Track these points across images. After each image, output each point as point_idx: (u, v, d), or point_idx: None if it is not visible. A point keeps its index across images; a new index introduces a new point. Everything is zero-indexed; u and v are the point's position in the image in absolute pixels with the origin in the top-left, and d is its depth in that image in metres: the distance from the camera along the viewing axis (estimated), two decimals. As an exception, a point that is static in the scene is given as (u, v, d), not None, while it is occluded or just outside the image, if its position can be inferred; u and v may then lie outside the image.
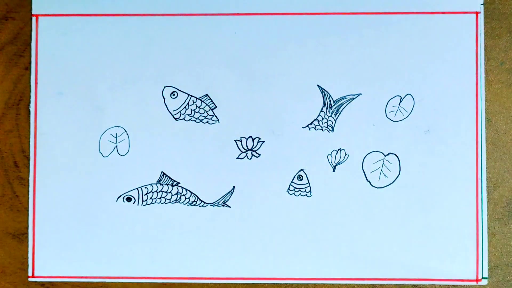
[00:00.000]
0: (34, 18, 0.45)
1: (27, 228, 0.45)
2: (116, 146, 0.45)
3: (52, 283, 0.45)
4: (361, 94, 0.44)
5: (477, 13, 0.44)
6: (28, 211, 0.45)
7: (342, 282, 0.44)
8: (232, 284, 0.44)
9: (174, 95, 0.45)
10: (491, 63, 0.45)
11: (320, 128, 0.44)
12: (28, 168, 0.45)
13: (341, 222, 0.44)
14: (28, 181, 0.45)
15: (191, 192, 0.44)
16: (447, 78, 0.44)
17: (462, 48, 0.44)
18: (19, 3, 0.46)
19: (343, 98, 0.44)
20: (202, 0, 0.45)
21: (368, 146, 0.44)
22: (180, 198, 0.44)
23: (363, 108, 0.44)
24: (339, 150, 0.44)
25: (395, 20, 0.44)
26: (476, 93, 0.44)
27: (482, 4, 0.44)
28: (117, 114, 0.45)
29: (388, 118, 0.44)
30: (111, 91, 0.45)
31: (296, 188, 0.44)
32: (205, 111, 0.45)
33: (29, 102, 0.45)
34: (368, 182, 0.44)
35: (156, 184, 0.44)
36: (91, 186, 0.44)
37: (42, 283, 0.45)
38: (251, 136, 0.44)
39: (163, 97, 0.45)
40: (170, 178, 0.44)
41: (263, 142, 0.44)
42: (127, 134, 0.45)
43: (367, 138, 0.44)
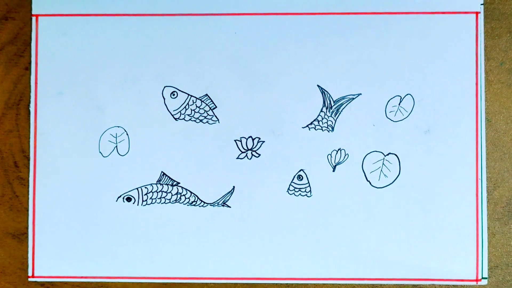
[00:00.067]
0: (34, 18, 0.45)
1: (27, 228, 0.45)
2: (116, 146, 0.45)
3: (52, 283, 0.45)
4: (361, 94, 0.44)
5: (477, 13, 0.44)
6: (28, 211, 0.45)
7: (342, 282, 0.44)
8: (232, 284, 0.44)
9: (174, 95, 0.45)
10: (491, 63, 0.45)
11: (320, 128, 0.44)
12: (28, 168, 0.45)
13: (341, 222, 0.44)
14: (28, 181, 0.45)
15: (191, 192, 0.44)
16: (447, 78, 0.44)
17: (462, 48, 0.44)
18: (19, 3, 0.46)
19: (343, 98, 0.44)
20: (202, 0, 0.45)
21: (368, 146, 0.44)
22: (180, 198, 0.44)
23: (363, 108, 0.44)
24: (339, 150, 0.44)
25: (395, 20, 0.44)
26: (476, 93, 0.44)
27: (482, 4, 0.44)
28: (117, 114, 0.45)
29: (388, 118, 0.44)
30: (111, 91, 0.45)
31: (296, 188, 0.44)
32: (205, 111, 0.45)
33: (29, 102, 0.45)
34: (368, 182, 0.44)
35: (156, 184, 0.44)
36: (91, 186, 0.44)
37: (42, 283, 0.45)
38: (251, 136, 0.44)
39: (163, 97, 0.45)
40: (170, 178, 0.44)
41: (263, 142, 0.44)
42: (127, 134, 0.45)
43: (367, 138, 0.44)
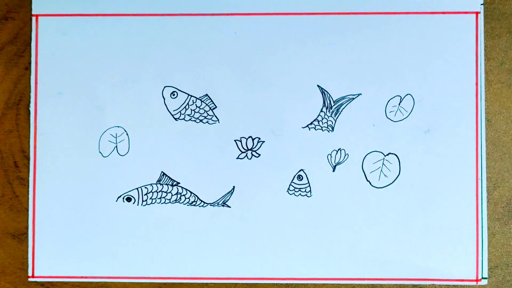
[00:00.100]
0: (34, 18, 0.45)
1: (27, 228, 0.45)
2: (116, 146, 0.45)
3: (52, 283, 0.45)
4: (361, 94, 0.44)
5: (477, 13, 0.44)
6: (28, 211, 0.45)
7: (342, 282, 0.44)
8: (232, 284, 0.44)
9: (174, 95, 0.45)
10: (491, 63, 0.45)
11: (320, 128, 0.44)
12: (28, 168, 0.45)
13: (341, 222, 0.44)
14: (28, 181, 0.45)
15: (191, 192, 0.44)
16: (447, 78, 0.44)
17: (462, 48, 0.44)
18: (19, 3, 0.46)
19: (343, 98, 0.44)
20: (202, 0, 0.45)
21: (368, 146, 0.44)
22: (180, 198, 0.44)
23: (363, 108, 0.44)
24: (339, 150, 0.44)
25: (395, 20, 0.44)
26: (476, 93, 0.44)
27: (482, 4, 0.44)
28: (117, 114, 0.45)
29: (388, 118, 0.44)
30: (111, 91, 0.45)
31: (296, 188, 0.44)
32: (205, 111, 0.45)
33: (29, 102, 0.45)
34: (368, 182, 0.44)
35: (156, 184, 0.44)
36: (91, 186, 0.44)
37: (42, 283, 0.45)
38: (251, 136, 0.44)
39: (163, 97, 0.45)
40: (170, 178, 0.44)
41: (263, 142, 0.44)
42: (127, 134, 0.45)
43: (367, 138, 0.44)
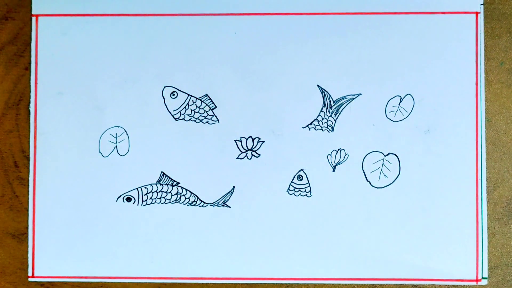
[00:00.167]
0: (34, 18, 0.45)
1: (27, 228, 0.45)
2: (116, 146, 0.45)
3: (52, 283, 0.45)
4: (361, 94, 0.44)
5: (477, 13, 0.44)
6: (28, 211, 0.45)
7: (342, 282, 0.44)
8: (232, 284, 0.44)
9: (174, 95, 0.45)
10: (491, 63, 0.45)
11: (320, 128, 0.44)
12: (28, 168, 0.45)
13: (341, 222, 0.44)
14: (28, 181, 0.45)
15: (191, 192, 0.44)
16: (447, 78, 0.44)
17: (462, 48, 0.44)
18: (19, 3, 0.46)
19: (343, 98, 0.44)
20: (202, 0, 0.45)
21: (368, 146, 0.44)
22: (180, 198, 0.44)
23: (363, 108, 0.44)
24: (339, 150, 0.44)
25: (395, 20, 0.44)
26: (476, 93, 0.44)
27: (482, 4, 0.44)
28: (117, 114, 0.45)
29: (388, 118, 0.44)
30: (111, 91, 0.45)
31: (296, 188, 0.44)
32: (205, 111, 0.45)
33: (29, 102, 0.45)
34: (368, 182, 0.44)
35: (156, 184, 0.44)
36: (91, 186, 0.44)
37: (42, 283, 0.45)
38: (251, 136, 0.44)
39: (163, 97, 0.45)
40: (170, 178, 0.44)
41: (263, 142, 0.44)
42: (127, 134, 0.45)
43: (367, 138, 0.44)
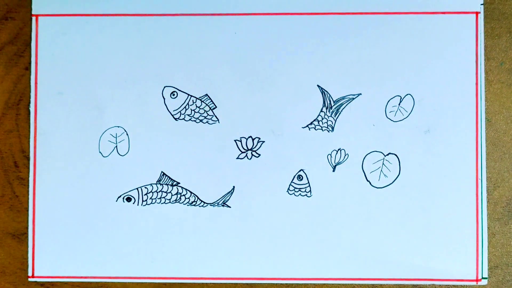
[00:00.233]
0: (34, 18, 0.45)
1: (27, 228, 0.45)
2: (116, 146, 0.45)
3: (52, 283, 0.45)
4: (361, 94, 0.44)
5: (477, 13, 0.44)
6: (28, 211, 0.45)
7: (342, 282, 0.44)
8: (232, 284, 0.44)
9: (174, 95, 0.45)
10: (491, 63, 0.45)
11: (320, 128, 0.44)
12: (28, 168, 0.45)
13: (341, 222, 0.44)
14: (28, 181, 0.45)
15: (191, 192, 0.44)
16: (447, 78, 0.44)
17: (462, 48, 0.44)
18: (19, 3, 0.46)
19: (343, 98, 0.44)
20: (202, 0, 0.45)
21: (368, 146, 0.44)
22: (180, 198, 0.44)
23: (363, 108, 0.44)
24: (339, 150, 0.44)
25: (395, 20, 0.44)
26: (476, 93, 0.44)
27: (482, 4, 0.44)
28: (117, 114, 0.45)
29: (388, 118, 0.44)
30: (111, 91, 0.45)
31: (296, 188, 0.44)
32: (205, 111, 0.45)
33: (29, 102, 0.45)
34: (368, 182, 0.44)
35: (156, 184, 0.44)
36: (91, 186, 0.44)
37: (42, 283, 0.45)
38: (251, 136, 0.44)
39: (163, 97, 0.45)
40: (170, 178, 0.44)
41: (263, 142, 0.44)
42: (127, 134, 0.45)
43: (367, 138, 0.44)
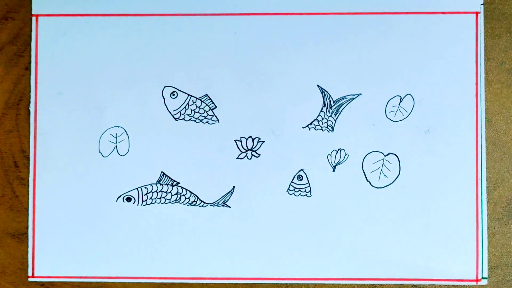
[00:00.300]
0: (34, 18, 0.45)
1: (27, 228, 0.45)
2: (116, 146, 0.45)
3: (52, 283, 0.45)
4: (361, 94, 0.44)
5: (477, 13, 0.44)
6: (28, 211, 0.45)
7: (342, 282, 0.44)
8: (232, 284, 0.44)
9: (174, 95, 0.45)
10: (491, 63, 0.45)
11: (320, 128, 0.44)
12: (28, 168, 0.45)
13: (341, 222, 0.44)
14: (28, 181, 0.45)
15: (191, 192, 0.44)
16: (447, 78, 0.44)
17: (462, 48, 0.44)
18: (19, 3, 0.46)
19: (343, 98, 0.44)
20: (202, 0, 0.45)
21: (368, 146, 0.44)
22: (180, 198, 0.44)
23: (363, 108, 0.44)
24: (339, 150, 0.44)
25: (395, 20, 0.44)
26: (476, 93, 0.44)
27: (482, 4, 0.44)
28: (117, 114, 0.45)
29: (388, 118, 0.44)
30: (111, 91, 0.45)
31: (296, 188, 0.44)
32: (205, 111, 0.45)
33: (29, 102, 0.45)
34: (368, 182, 0.44)
35: (156, 184, 0.44)
36: (91, 186, 0.44)
37: (42, 283, 0.45)
38: (251, 136, 0.44)
39: (163, 97, 0.45)
40: (170, 178, 0.44)
41: (263, 142, 0.44)
42: (127, 134, 0.45)
43: (367, 138, 0.44)
